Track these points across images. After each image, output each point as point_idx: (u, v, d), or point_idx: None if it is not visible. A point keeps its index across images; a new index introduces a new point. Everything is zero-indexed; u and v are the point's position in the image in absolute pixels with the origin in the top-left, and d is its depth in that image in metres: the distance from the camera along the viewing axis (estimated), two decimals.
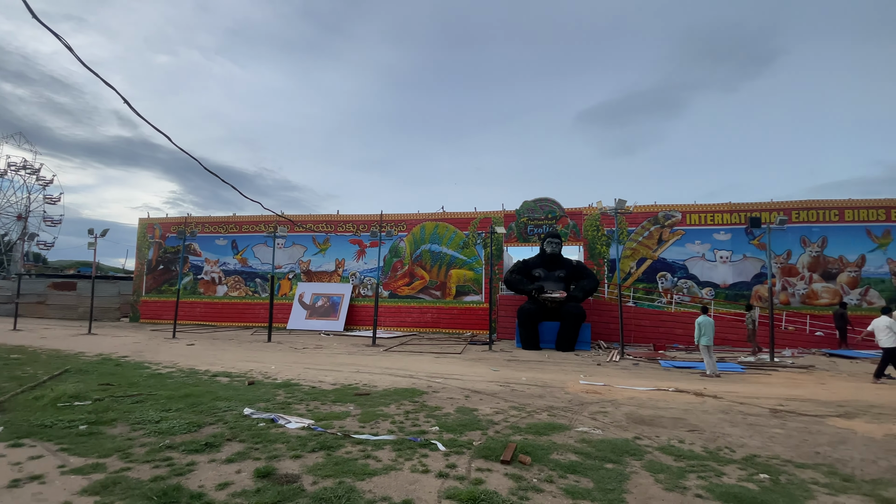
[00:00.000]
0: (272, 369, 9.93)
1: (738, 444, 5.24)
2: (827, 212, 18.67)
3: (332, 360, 11.75)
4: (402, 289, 22.50)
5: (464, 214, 22.44)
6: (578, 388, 8.51)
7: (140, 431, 5.14)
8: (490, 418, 6.08)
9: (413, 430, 5.44)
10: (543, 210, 21.20)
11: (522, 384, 8.81)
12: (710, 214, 19.58)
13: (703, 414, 6.69)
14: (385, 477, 3.98)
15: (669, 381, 9.63)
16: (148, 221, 26.56)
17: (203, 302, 24.76)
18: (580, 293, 16.44)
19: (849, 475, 4.31)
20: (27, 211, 48.45)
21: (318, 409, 6.37)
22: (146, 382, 8.05)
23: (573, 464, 4.40)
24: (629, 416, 6.49)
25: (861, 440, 5.48)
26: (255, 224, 24.81)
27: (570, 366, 11.79)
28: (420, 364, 11.35)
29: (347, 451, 4.63)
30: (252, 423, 5.53)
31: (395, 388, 7.94)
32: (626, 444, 5.11)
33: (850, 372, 11.43)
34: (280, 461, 4.30)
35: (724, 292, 18.97)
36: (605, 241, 20.31)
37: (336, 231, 23.73)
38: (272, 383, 8.26)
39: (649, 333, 17.49)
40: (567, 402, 7.26)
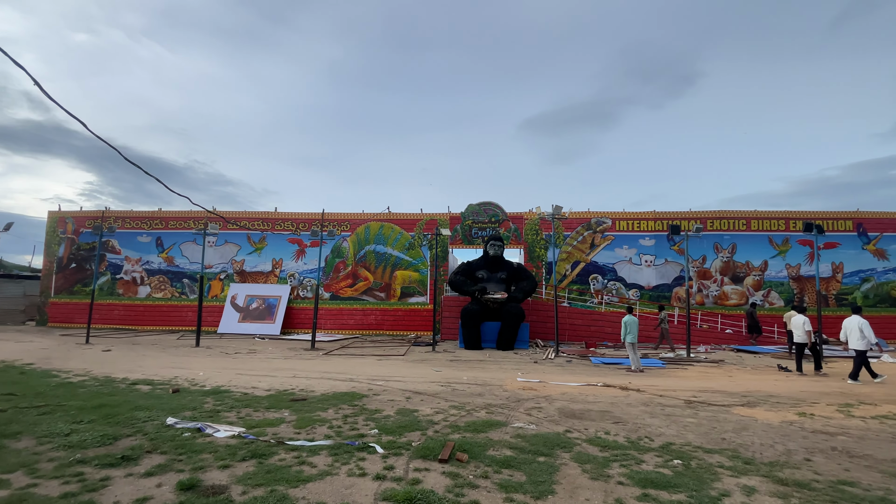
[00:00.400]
0: (200, 376, 9.32)
1: (656, 433, 5.70)
2: (737, 221, 20.80)
3: (268, 366, 11.25)
4: (344, 290, 22.01)
5: (410, 215, 22.40)
6: (516, 386, 8.81)
7: (48, 445, 4.63)
8: (430, 418, 6.13)
9: (351, 434, 5.36)
10: (487, 213, 21.71)
11: (463, 384, 8.97)
12: (636, 221, 21.10)
13: (627, 406, 7.19)
14: (320, 483, 3.89)
15: (598, 376, 10.24)
16: (59, 215, 23.86)
17: (122, 304, 22.66)
18: (520, 294, 17.03)
19: (750, 458, 4.83)
20: None
21: (251, 417, 6.08)
22: (54, 392, 7.25)
23: (508, 459, 4.56)
24: (561, 410, 6.83)
25: (761, 426, 6.16)
26: (184, 220, 23.13)
27: (510, 364, 12.17)
28: (361, 367, 11.18)
29: (281, 458, 4.47)
30: (175, 434, 5.17)
31: (333, 393, 7.76)
32: (558, 437, 5.37)
33: (753, 365, 12.80)
34: (206, 472, 4.06)
35: (648, 293, 20.50)
36: (543, 245, 21.18)
37: (273, 229, 22.71)
38: (200, 391, 7.76)
39: (582, 332, 18.48)
40: (505, 400, 7.49)
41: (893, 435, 5.79)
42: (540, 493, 3.77)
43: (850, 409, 7.24)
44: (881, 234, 20.37)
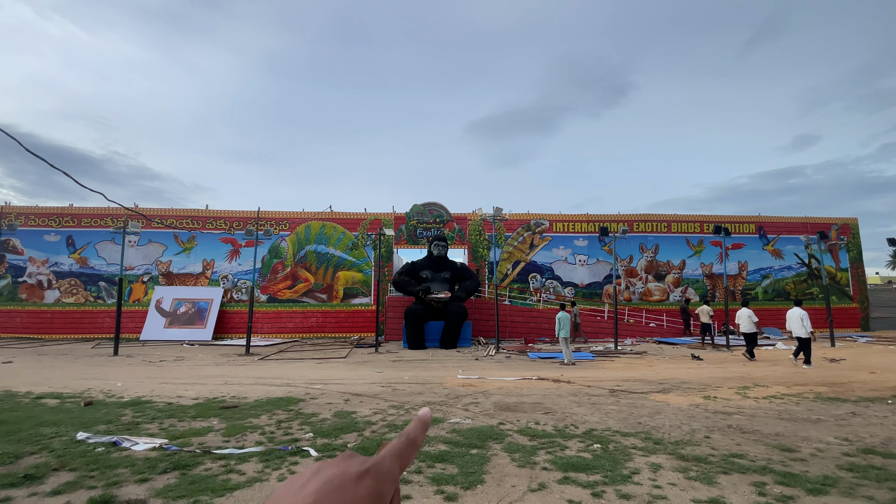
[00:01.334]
0: (118, 387, 8.63)
1: (581, 421, 6.12)
2: (659, 224, 22.61)
3: (196, 373, 10.64)
4: (283, 292, 21.21)
5: (353, 215, 22.05)
6: (456, 383, 9.02)
7: None
8: (368, 419, 6.15)
9: (285, 439, 5.26)
10: (432, 214, 21.89)
11: (404, 383, 9.04)
12: (571, 223, 22.28)
13: (557, 398, 7.63)
14: (248, 490, 3.80)
15: (534, 370, 10.74)
16: None
17: (26, 310, 20.29)
18: (463, 293, 17.38)
19: (659, 439, 5.34)
20: None
21: (175, 427, 5.76)
22: None
23: (442, 453, 4.70)
24: (497, 404, 7.11)
25: (671, 410, 6.80)
26: (100, 218, 21.15)
27: (452, 362, 12.40)
28: (299, 371, 10.89)
29: (207, 467, 4.30)
30: (87, 449, 4.79)
31: (268, 399, 7.52)
32: (491, 430, 5.62)
33: (671, 356, 14.00)
34: (122, 487, 3.83)
35: (582, 291, 21.72)
36: (486, 245, 21.75)
37: (204, 228, 21.39)
38: (117, 402, 7.20)
39: (521, 329, 19.22)
40: (444, 397, 7.66)
41: (779, 412, 6.64)
42: (470, 483, 3.95)
43: (746, 391, 8.18)
44: (778, 236, 23.05)
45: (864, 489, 3.85)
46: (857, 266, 23.34)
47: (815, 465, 4.43)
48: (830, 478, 4.08)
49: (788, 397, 7.62)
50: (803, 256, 22.96)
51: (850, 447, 4.99)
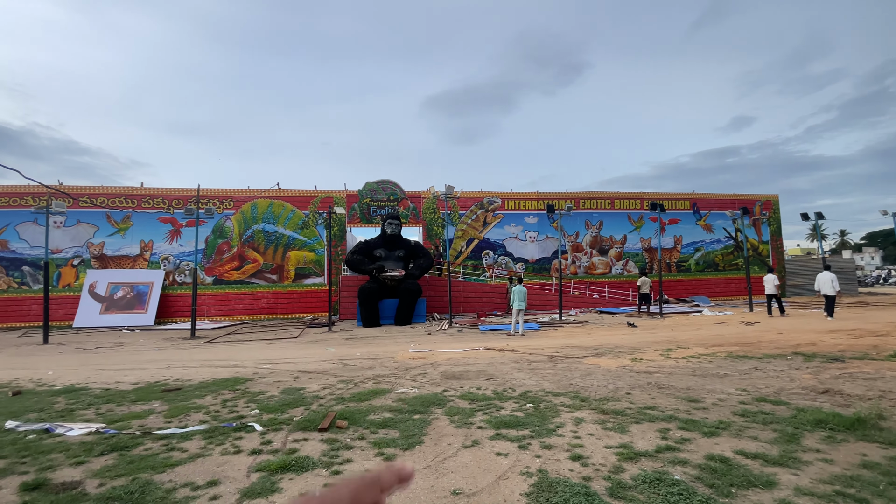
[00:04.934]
0: (49, 375, 8.21)
1: (519, 384, 6.58)
2: (603, 200, 23.72)
3: (136, 358, 10.27)
4: (230, 273, 20.52)
5: (303, 193, 21.48)
6: (406, 357, 9.31)
7: None
8: (316, 394, 6.29)
9: (230, 417, 5.31)
10: (386, 192, 21.73)
11: (356, 359, 9.20)
12: (522, 201, 22.92)
13: (500, 365, 8.10)
14: (190, 465, 3.88)
15: (483, 342, 11.23)
16: None
17: None
18: (417, 271, 17.60)
19: (586, 397, 5.86)
20: None
21: (113, 412, 5.64)
22: None
23: (386, 420, 4.96)
24: (444, 374, 7.46)
25: (602, 372, 7.42)
26: (19, 196, 19.34)
27: (404, 338, 12.68)
28: (248, 353, 10.77)
29: (147, 447, 4.31)
30: (17, 437, 4.64)
31: (214, 380, 7.46)
32: (435, 396, 5.93)
33: (609, 324, 15.01)
34: (56, 471, 3.78)
35: (532, 266, 22.57)
36: (440, 223, 21.96)
37: (140, 207, 20.11)
38: (49, 391, 6.89)
39: (475, 304, 19.81)
40: (394, 370, 7.92)
41: (693, 370, 7.42)
42: (409, 444, 4.23)
43: (669, 353, 9.03)
44: (709, 211, 24.87)
45: (751, 430, 4.49)
46: (776, 238, 25.72)
47: (714, 413, 5.08)
48: (724, 422, 4.71)
49: (704, 356, 8.50)
50: (731, 230, 24.97)
51: (747, 396, 5.73)
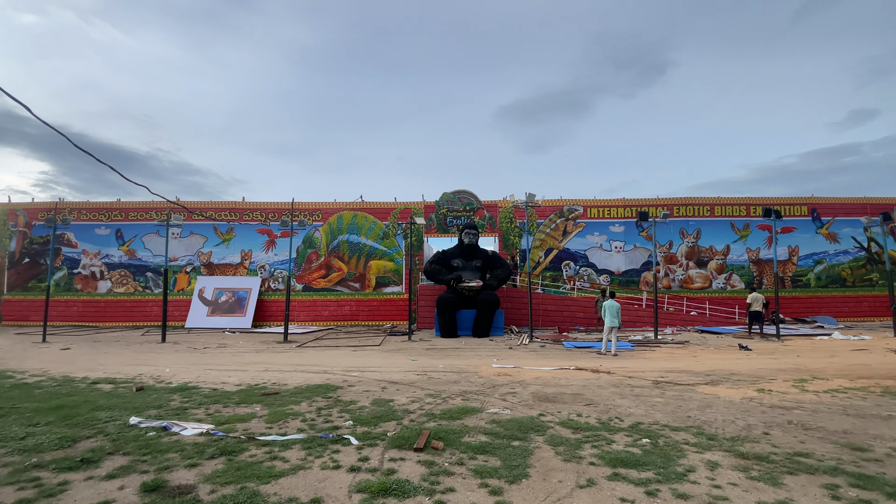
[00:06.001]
0: (166, 372, 9.00)
1: (625, 413, 5.87)
2: (701, 207, 21.55)
3: (238, 360, 10.98)
4: (317, 281, 21.65)
5: (384, 204, 22.15)
6: (491, 372, 8.91)
7: (1, 450, 4.36)
8: (406, 408, 6.12)
9: (325, 426, 5.29)
10: (462, 202, 21.69)
11: (439, 371, 9.00)
12: (607, 208, 21.56)
13: (598, 389, 7.39)
14: (292, 477, 3.82)
15: (571, 360, 10.48)
16: (9, 207, 22.40)
17: (81, 300, 21.59)
18: (495, 282, 17.18)
19: (713, 434, 5.04)
20: None
21: (220, 413, 5.91)
22: (8, 394, 6.86)
23: (483, 444, 4.60)
24: (535, 394, 6.95)
25: (723, 404, 6.43)
26: (145, 211, 22.13)
27: (485, 351, 12.30)
28: (336, 359, 11.06)
29: (252, 454, 4.36)
30: (139, 433, 4.97)
31: (307, 386, 7.64)
32: (532, 421, 5.46)
33: (716, 345, 13.37)
34: (172, 472, 3.92)
35: (618, 278, 21.06)
36: (517, 233, 21.39)
37: (241, 220, 22.03)
38: (166, 388, 7.49)
39: (555, 317, 18.87)
40: (480, 386, 7.56)
41: (843, 408, 6.16)
42: (514, 476, 3.82)
43: (804, 384, 7.66)
44: (833, 218, 21.52)
45: None
46: None
47: (893, 467, 4.05)
48: None
49: (853, 391, 7.08)
50: (862, 240, 21.37)
51: None
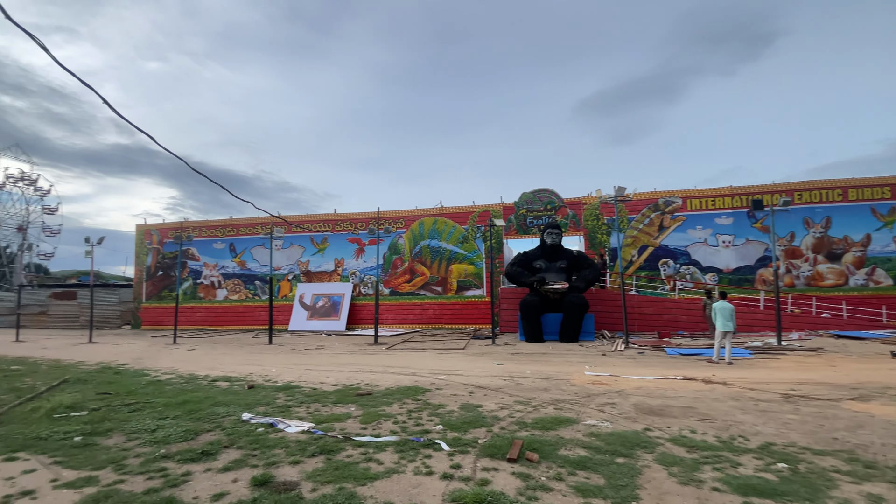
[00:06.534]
0: (273, 372, 9.79)
1: (751, 431, 5.07)
2: (830, 192, 18.43)
3: (334, 361, 11.62)
4: (402, 286, 22.36)
5: (462, 209, 22.25)
6: (584, 380, 8.35)
7: (136, 441, 4.99)
8: (495, 414, 5.92)
9: (416, 429, 5.28)
10: (542, 201, 21.00)
11: (527, 378, 8.66)
12: (710, 199, 19.37)
13: (713, 402, 6.53)
14: (387, 481, 3.82)
15: (676, 369, 9.47)
16: (145, 227, 26.41)
17: (203, 306, 24.64)
18: (582, 283, 16.27)
19: (871, 461, 4.14)
20: (26, 222, 48.36)
21: (319, 412, 6.22)
22: (144, 390, 7.90)
23: (582, 459, 4.23)
24: (638, 406, 6.33)
25: (880, 424, 5.31)
26: (252, 226, 24.64)
27: (575, 357, 11.64)
28: (423, 361, 11.21)
29: (348, 454, 4.47)
30: (251, 429, 5.38)
31: (397, 387, 7.79)
32: (637, 436, 4.95)
33: (860, 353, 11.26)
34: (278, 468, 4.15)
35: (727, 277, 18.78)
36: (605, 230, 20.12)
37: (334, 230, 23.56)
38: (272, 386, 8.12)
39: (653, 321, 17.33)
40: (573, 395, 7.10)
41: None
42: (622, 498, 3.43)
43: None
44: None
45: None
46: None
47: None
48: None
49: None
50: None
51: None
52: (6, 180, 47.39)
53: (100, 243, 19.04)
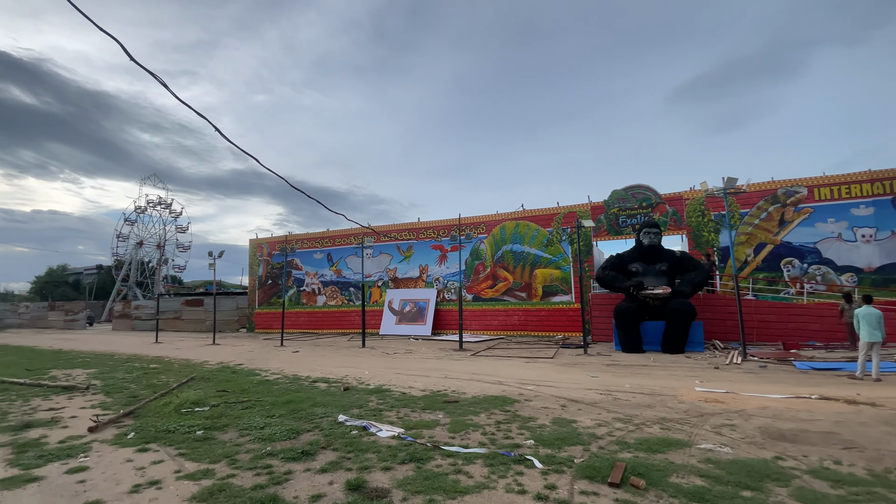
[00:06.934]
0: (365, 375, 10.21)
1: None
2: None
3: (421, 366, 11.81)
4: (485, 291, 22.21)
5: (545, 211, 21.53)
6: (695, 396, 7.45)
7: (246, 437, 5.44)
8: (592, 431, 5.48)
9: (506, 443, 5.07)
10: (636, 198, 19.52)
11: (626, 392, 7.97)
12: (845, 186, 16.44)
13: (859, 426, 5.40)
14: (477, 496, 3.67)
15: (810, 386, 8.05)
16: (257, 242, 29.55)
17: (306, 312, 26.81)
18: (688, 287, 14.69)
19: None
20: (163, 240, 57.27)
21: (408, 417, 6.28)
22: (255, 389, 8.68)
23: (700, 490, 3.69)
24: (764, 430, 5.44)
25: None
26: (346, 237, 26.31)
27: (682, 370, 10.50)
28: (509, 369, 10.92)
29: (437, 464, 4.41)
30: (346, 431, 5.59)
31: (484, 396, 7.63)
32: (766, 465, 4.22)
33: None
34: (371, 473, 4.21)
35: (869, 277, 15.73)
36: (712, 227, 18.06)
37: (418, 238, 24.24)
38: (365, 389, 8.44)
39: (776, 330, 15.08)
40: (683, 413, 6.34)
41: None
42: None
43: None
44: None
45: None
46: None
47: None
48: None
49: None
50: None
51: None
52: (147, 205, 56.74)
53: (220, 257, 21.68)
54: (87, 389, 8.81)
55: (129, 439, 5.45)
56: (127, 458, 4.82)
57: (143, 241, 56.75)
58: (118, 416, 6.47)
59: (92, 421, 6.15)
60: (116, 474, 4.36)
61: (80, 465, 4.63)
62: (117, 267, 56.09)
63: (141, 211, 56.55)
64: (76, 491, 3.99)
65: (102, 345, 20.36)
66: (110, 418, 6.35)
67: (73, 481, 4.20)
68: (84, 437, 5.64)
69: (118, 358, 14.82)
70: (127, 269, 55.75)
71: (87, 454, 4.96)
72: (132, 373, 11.15)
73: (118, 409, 7.10)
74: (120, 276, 55.40)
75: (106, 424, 6.10)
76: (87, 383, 9.43)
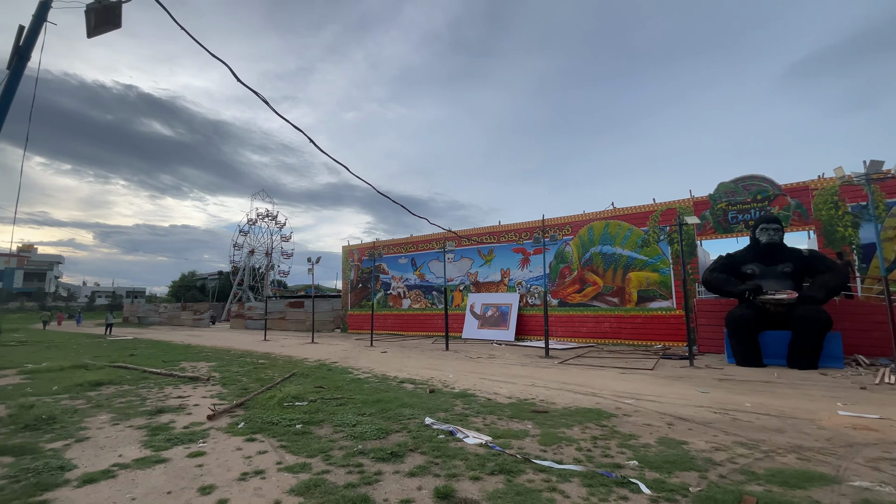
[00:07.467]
0: (450, 378, 10.17)
1: None
2: None
3: (506, 371, 11.48)
4: (572, 296, 21.12)
5: (639, 209, 19.90)
6: (838, 422, 6.21)
7: (340, 434, 5.61)
8: (708, 456, 4.77)
9: (604, 461, 4.60)
10: (749, 191, 17.23)
11: (748, 412, 6.91)
12: None
13: None
14: None
15: None
16: (348, 248, 31.44)
17: (393, 314, 27.83)
18: (821, 292, 12.49)
19: None
20: (270, 248, 63.76)
21: (495, 425, 6.04)
22: (348, 386, 9.07)
23: None
24: None
25: None
26: (428, 242, 26.86)
27: (817, 390, 8.91)
28: (603, 380, 10.14)
29: (529, 478, 4.11)
30: (432, 435, 5.51)
31: (576, 408, 7.11)
32: None
33: None
34: (459, 481, 4.06)
35: None
36: (848, 221, 15.28)
37: (499, 241, 23.87)
38: (450, 392, 8.36)
39: None
40: (824, 442, 5.29)
41: None
42: None
43: None
44: None
45: None
46: None
47: None
48: None
49: None
50: None
51: None
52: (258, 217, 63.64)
53: (318, 262, 23.36)
54: (207, 381, 9.90)
55: (239, 429, 5.93)
56: (237, 446, 5.23)
57: (254, 249, 63.87)
58: (231, 407, 7.12)
59: (210, 410, 6.83)
60: (227, 461, 4.72)
61: (198, 449, 5.11)
62: (234, 272, 63.68)
63: (252, 223, 63.76)
64: (195, 475, 4.37)
65: (221, 341, 23.03)
66: (225, 408, 7.00)
67: (192, 465, 4.63)
68: (203, 423, 6.26)
69: (233, 353, 16.58)
70: (241, 275, 62.95)
71: (205, 440, 5.48)
72: (244, 367, 12.35)
73: (231, 399, 7.83)
74: (236, 281, 62.74)
75: (221, 413, 6.73)
76: (208, 375, 10.61)
